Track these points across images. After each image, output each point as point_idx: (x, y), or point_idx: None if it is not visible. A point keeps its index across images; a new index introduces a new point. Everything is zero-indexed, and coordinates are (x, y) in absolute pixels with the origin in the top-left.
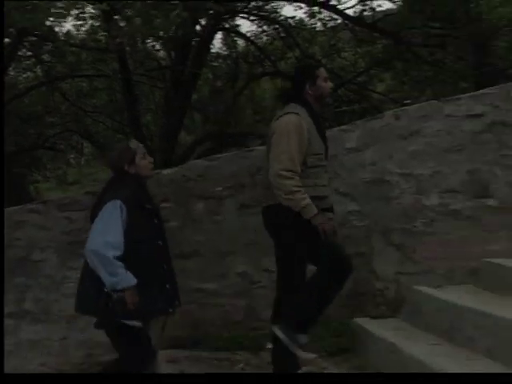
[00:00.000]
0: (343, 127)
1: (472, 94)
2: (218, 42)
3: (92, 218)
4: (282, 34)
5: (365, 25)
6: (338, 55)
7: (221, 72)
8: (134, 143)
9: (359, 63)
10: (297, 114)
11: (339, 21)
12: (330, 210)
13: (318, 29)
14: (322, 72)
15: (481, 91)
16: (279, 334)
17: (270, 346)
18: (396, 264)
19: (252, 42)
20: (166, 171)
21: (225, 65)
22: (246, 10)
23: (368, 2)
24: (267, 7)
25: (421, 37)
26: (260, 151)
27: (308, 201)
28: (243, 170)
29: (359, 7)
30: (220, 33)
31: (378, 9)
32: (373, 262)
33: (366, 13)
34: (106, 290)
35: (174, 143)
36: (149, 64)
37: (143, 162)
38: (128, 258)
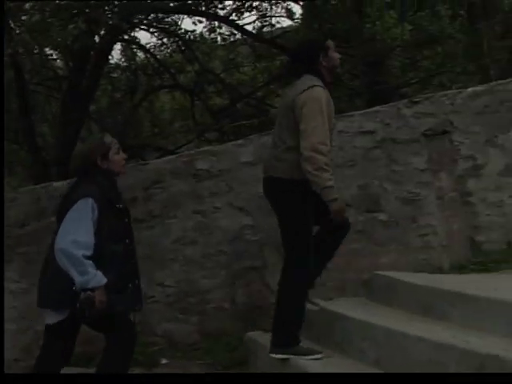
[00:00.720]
0: (238, 142)
1: (364, 111)
2: (117, 53)
3: (59, 215)
4: (182, 48)
5: (264, 40)
6: (238, 70)
7: (119, 83)
8: (108, 137)
9: (258, 78)
10: (322, 87)
11: (238, 36)
12: None
13: (218, 43)
14: (331, 43)
15: (372, 109)
16: (282, 356)
17: (164, 361)
18: None
19: (151, 55)
20: (56, 184)
21: (124, 76)
22: (145, 21)
23: (267, 19)
24: (167, 20)
25: None
26: (155, 164)
27: (332, 183)
28: (137, 184)
29: (259, 23)
30: (119, 44)
31: (278, 25)
32: (267, 276)
33: (265, 29)
34: (74, 288)
35: (71, 155)
36: (45, 73)
37: (117, 157)
38: (97, 257)
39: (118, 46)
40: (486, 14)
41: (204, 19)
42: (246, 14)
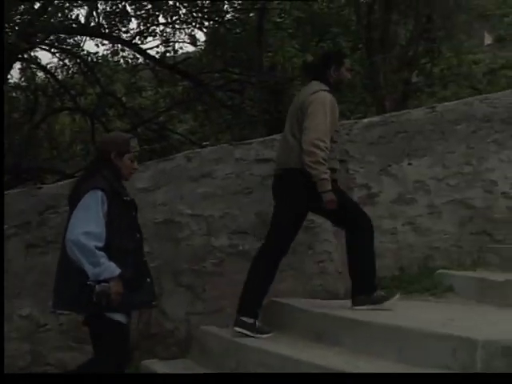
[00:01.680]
0: None
1: (262, 139)
2: (16, 73)
3: (71, 204)
4: (84, 69)
5: (166, 66)
6: (139, 94)
7: (18, 104)
8: (134, 141)
9: (160, 103)
10: (330, 92)
11: (141, 60)
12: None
13: (120, 66)
14: (348, 63)
15: (270, 137)
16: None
17: None
18: (186, 304)
19: (52, 75)
20: None
21: (23, 96)
22: (46, 41)
23: (171, 44)
24: (69, 41)
25: (221, 81)
26: (50, 189)
27: (327, 176)
28: (31, 208)
29: (162, 48)
30: (19, 63)
31: (181, 51)
32: (163, 303)
33: (168, 54)
34: (88, 282)
35: None
36: None
37: (129, 163)
38: (109, 250)
39: (17, 66)
40: (384, 47)
41: (107, 41)
42: (150, 39)
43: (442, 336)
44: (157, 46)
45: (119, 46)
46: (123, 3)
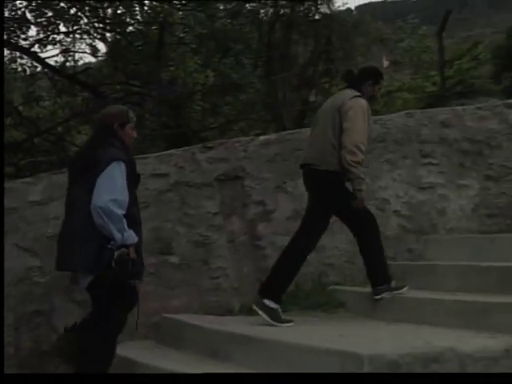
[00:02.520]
0: (26, 179)
1: (158, 154)
2: None
3: (79, 171)
4: None
5: (65, 75)
6: (37, 103)
7: None
8: (131, 113)
9: (58, 113)
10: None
11: (39, 69)
12: None
13: (18, 74)
14: (382, 84)
15: (167, 152)
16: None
17: None
18: (79, 321)
19: None
20: None
21: None
22: None
23: (71, 54)
24: None
25: (121, 93)
26: None
27: (363, 176)
28: None
29: (62, 57)
30: None
31: (82, 61)
32: (54, 319)
33: (68, 64)
34: (109, 246)
35: None
36: None
37: (130, 132)
38: (127, 218)
39: None
40: (284, 66)
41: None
42: (50, 47)
43: (330, 351)
44: (56, 55)
45: (17, 53)
46: (23, 9)
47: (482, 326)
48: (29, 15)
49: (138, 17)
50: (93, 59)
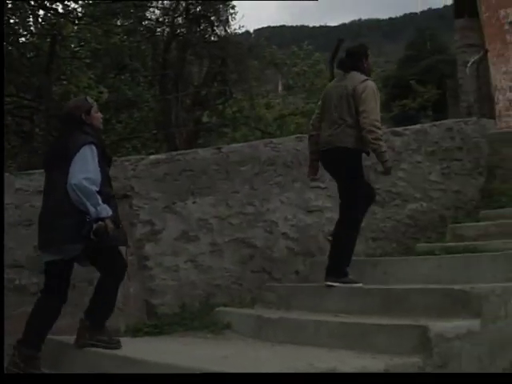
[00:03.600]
0: None
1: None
2: None
3: (55, 158)
4: None
5: None
6: None
7: None
8: (89, 98)
9: None
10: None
11: None
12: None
13: None
14: (369, 51)
15: None
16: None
17: None
18: None
19: None
20: None
21: None
22: None
23: None
24: None
25: (11, 105)
26: None
27: (386, 148)
28: None
29: None
30: None
31: None
32: None
33: None
34: (88, 219)
35: None
36: None
37: (97, 115)
38: (100, 194)
39: None
40: (178, 86)
41: None
42: None
43: (209, 374)
44: None
45: None
46: None
47: (364, 347)
48: None
49: (32, 28)
50: None
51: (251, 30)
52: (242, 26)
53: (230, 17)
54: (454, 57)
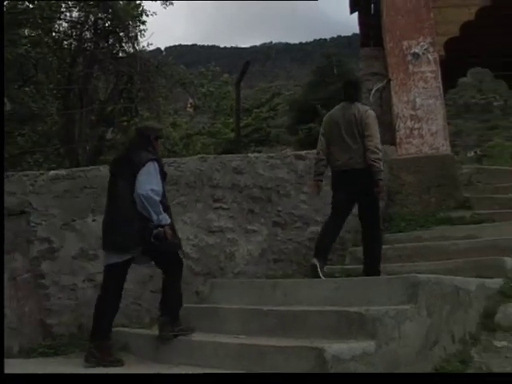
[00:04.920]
0: None
1: None
2: None
3: (122, 168)
4: None
5: None
6: None
7: None
8: (162, 131)
9: None
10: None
11: None
12: None
13: None
14: None
15: None
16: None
17: None
18: None
19: None
20: None
21: None
22: None
23: None
24: None
25: None
26: None
27: (383, 168)
28: None
29: None
30: None
31: None
32: None
33: None
34: (150, 226)
35: None
36: None
37: (158, 144)
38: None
39: None
40: (82, 101)
41: None
42: None
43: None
44: None
45: None
46: None
47: (263, 369)
48: None
49: None
50: None
51: (162, 48)
52: (151, 44)
53: (139, 33)
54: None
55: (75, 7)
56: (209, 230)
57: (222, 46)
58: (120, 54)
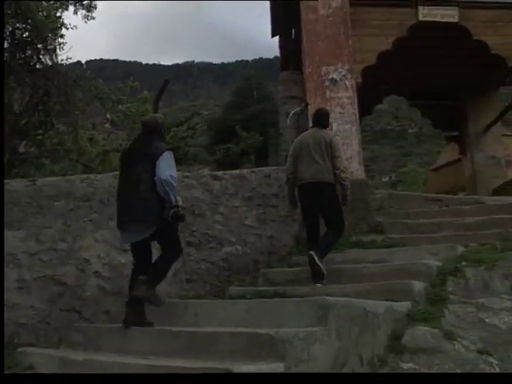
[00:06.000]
0: None
1: None
2: None
3: (140, 156)
4: None
5: None
6: None
7: None
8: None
9: None
10: None
11: None
12: None
13: None
14: None
15: None
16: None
17: None
18: None
19: None
20: None
21: None
22: None
23: None
24: None
25: None
26: None
27: (349, 186)
28: None
29: None
30: None
31: None
32: None
33: None
34: (167, 206)
35: None
36: None
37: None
38: None
39: None
40: None
41: None
42: None
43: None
44: None
45: None
46: None
47: None
48: None
49: None
50: None
51: (83, 61)
52: (70, 58)
53: (58, 46)
54: (278, 107)
55: None
56: (121, 249)
57: (144, 62)
58: (37, 66)
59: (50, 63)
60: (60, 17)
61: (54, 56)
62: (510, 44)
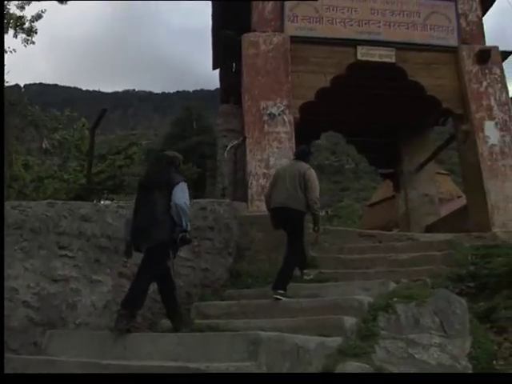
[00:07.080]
0: None
1: None
2: None
3: (158, 184)
4: None
5: None
6: None
7: None
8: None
9: None
10: None
11: None
12: None
13: None
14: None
15: None
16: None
17: None
18: None
19: None
20: None
21: None
22: None
23: None
24: None
25: None
26: None
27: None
28: None
29: None
30: None
31: None
32: None
33: None
34: (177, 229)
35: None
36: None
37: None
38: None
39: None
40: None
41: None
42: None
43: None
44: None
45: None
46: None
47: None
48: None
49: None
50: None
51: (22, 85)
52: (7, 82)
53: None
54: (216, 139)
55: None
56: (52, 279)
57: (84, 88)
58: None
59: None
60: None
61: None
62: (443, 86)
